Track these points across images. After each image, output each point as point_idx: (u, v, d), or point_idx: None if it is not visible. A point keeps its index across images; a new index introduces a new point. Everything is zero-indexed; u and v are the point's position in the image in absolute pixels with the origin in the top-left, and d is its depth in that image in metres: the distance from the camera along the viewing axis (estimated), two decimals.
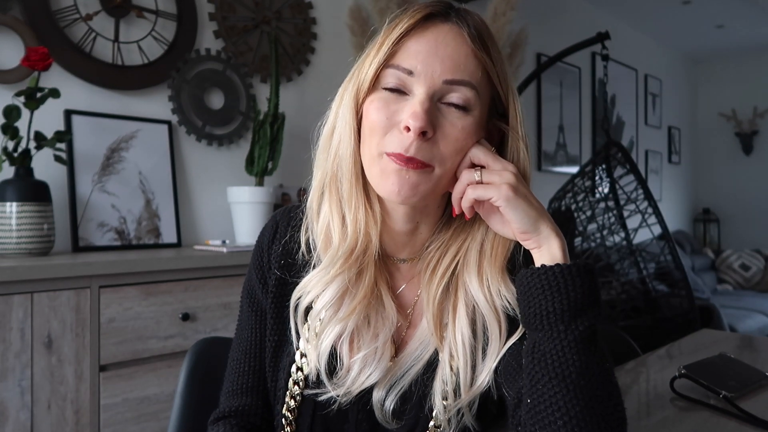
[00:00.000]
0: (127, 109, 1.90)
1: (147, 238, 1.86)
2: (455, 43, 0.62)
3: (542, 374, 0.57)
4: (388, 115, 0.62)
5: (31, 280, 1.30)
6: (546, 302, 0.58)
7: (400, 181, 0.61)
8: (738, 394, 0.89)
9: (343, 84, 0.69)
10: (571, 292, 0.57)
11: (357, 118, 0.66)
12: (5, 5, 1.66)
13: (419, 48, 0.62)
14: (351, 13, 2.40)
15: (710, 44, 5.25)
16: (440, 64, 0.61)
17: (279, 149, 2.03)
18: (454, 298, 0.68)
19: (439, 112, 0.62)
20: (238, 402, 0.75)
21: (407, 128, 0.60)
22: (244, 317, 0.78)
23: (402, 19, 0.63)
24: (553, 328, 0.57)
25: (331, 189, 0.69)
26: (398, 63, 0.62)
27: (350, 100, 0.65)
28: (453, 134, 0.62)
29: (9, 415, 1.27)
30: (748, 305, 4.06)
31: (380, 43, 0.64)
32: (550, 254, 0.61)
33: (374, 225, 0.67)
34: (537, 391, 0.57)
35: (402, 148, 0.61)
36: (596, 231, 2.77)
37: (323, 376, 0.68)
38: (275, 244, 0.76)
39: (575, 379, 0.55)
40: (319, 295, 0.68)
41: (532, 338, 0.59)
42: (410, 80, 0.62)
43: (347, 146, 0.66)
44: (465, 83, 0.62)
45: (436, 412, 0.66)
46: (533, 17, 3.27)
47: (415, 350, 0.69)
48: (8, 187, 1.49)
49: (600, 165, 2.86)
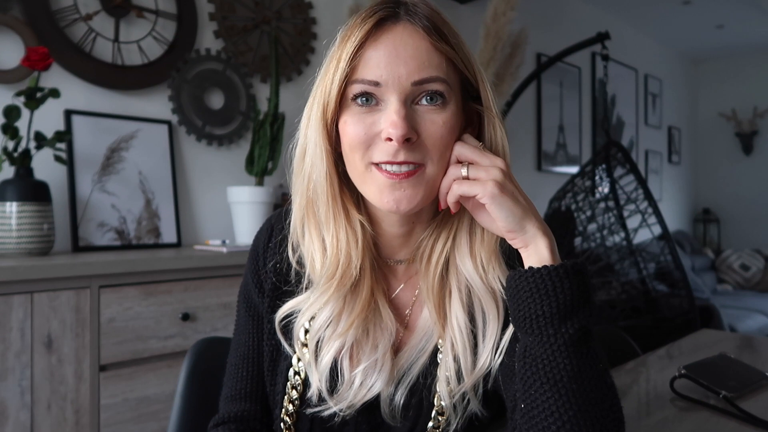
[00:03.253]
0: (127, 109, 1.90)
1: (147, 238, 1.86)
2: (413, 42, 0.60)
3: (534, 379, 0.56)
4: (365, 129, 0.61)
5: (31, 280, 1.30)
6: (534, 306, 0.57)
7: (396, 197, 0.61)
8: (738, 394, 0.89)
9: (307, 104, 0.67)
10: (559, 294, 0.56)
11: (329, 138, 0.64)
12: (5, 5, 1.66)
13: (379, 56, 0.60)
14: (351, 13, 2.40)
15: (710, 44, 5.25)
16: (404, 67, 0.59)
17: (279, 149, 2.03)
18: (449, 284, 0.68)
19: (416, 114, 0.61)
20: (238, 407, 0.74)
21: (389, 138, 0.59)
22: (241, 322, 0.78)
23: (353, 31, 0.61)
24: (543, 332, 0.56)
25: (308, 214, 0.68)
26: (362, 77, 0.60)
27: (318, 121, 0.63)
28: (436, 132, 0.61)
29: (9, 415, 1.27)
30: (748, 305, 4.06)
31: (337, 58, 0.61)
32: (538, 254, 0.60)
33: (355, 244, 0.66)
34: (530, 396, 0.57)
35: (389, 155, 0.60)
36: (596, 231, 2.77)
37: (325, 394, 0.67)
38: (270, 248, 0.75)
39: (567, 383, 0.55)
40: (315, 313, 0.68)
41: (523, 342, 0.59)
42: (379, 90, 0.60)
43: (320, 169, 0.64)
44: (433, 79, 0.60)
45: (441, 400, 0.66)
46: (533, 17, 3.27)
47: (419, 343, 0.69)
48: (8, 187, 1.49)
49: (600, 165, 2.86)
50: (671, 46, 5.34)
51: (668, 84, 5.33)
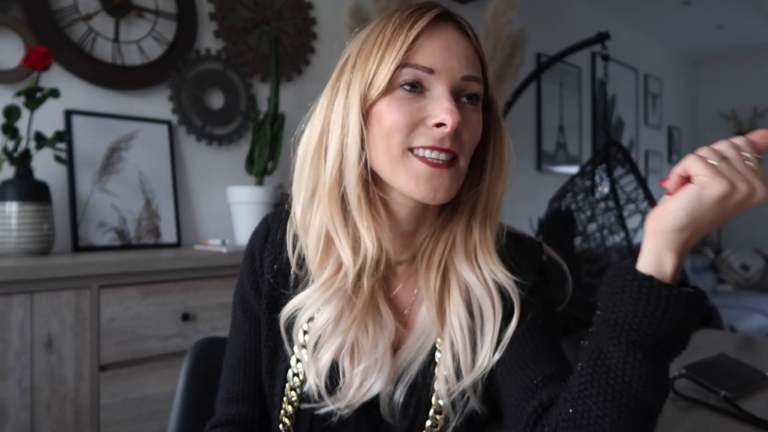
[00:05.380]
0: (127, 109, 1.90)
1: (147, 238, 1.86)
2: (464, 42, 0.64)
3: (598, 390, 0.53)
4: (412, 112, 0.61)
5: (31, 280, 1.30)
6: (636, 320, 0.51)
7: (435, 184, 0.62)
8: (738, 394, 0.89)
9: (330, 89, 0.66)
10: (668, 322, 0.50)
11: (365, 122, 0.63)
12: (5, 5, 1.66)
13: (435, 47, 0.62)
14: (351, 13, 2.40)
15: (710, 44, 5.25)
16: (457, 62, 0.63)
17: (279, 149, 2.03)
18: (449, 283, 0.69)
19: (459, 109, 0.62)
20: (235, 409, 0.74)
21: (438, 125, 0.61)
22: (238, 323, 0.77)
23: (413, 19, 0.63)
24: (630, 351, 0.52)
25: (328, 201, 0.65)
26: (416, 62, 0.62)
27: (356, 102, 0.63)
28: (473, 128, 0.64)
29: (9, 415, 1.27)
30: (748, 305, 4.06)
31: (386, 43, 0.62)
32: (663, 264, 0.52)
33: (382, 232, 0.65)
34: (585, 405, 0.54)
35: (435, 140, 0.61)
36: (596, 231, 2.77)
37: (323, 393, 0.67)
38: (267, 248, 0.74)
39: (633, 409, 0.52)
40: (316, 312, 0.68)
41: (600, 346, 0.54)
42: (430, 79, 0.62)
43: (355, 153, 0.63)
44: (477, 79, 0.64)
45: (440, 399, 0.66)
46: (533, 17, 3.27)
47: (417, 341, 0.69)
48: (8, 187, 1.49)
49: (600, 165, 2.86)
50: (671, 46, 5.35)
51: (668, 84, 5.33)
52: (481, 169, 0.69)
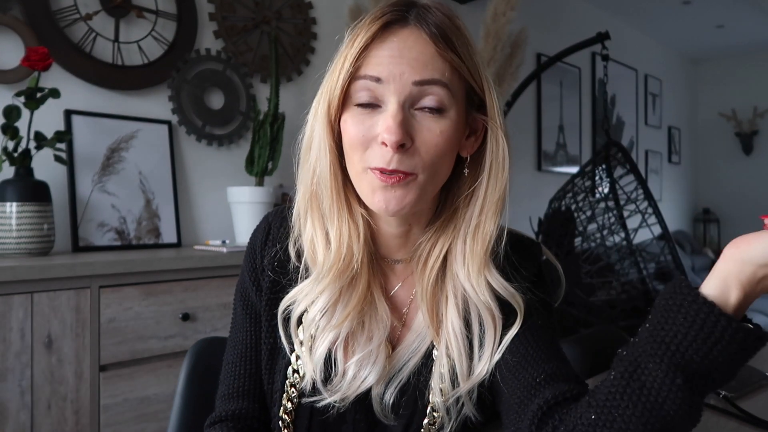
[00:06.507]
0: (127, 109, 1.90)
1: (147, 238, 1.86)
2: (418, 46, 0.61)
3: (627, 404, 0.52)
4: (363, 131, 0.61)
5: (31, 280, 1.30)
6: (685, 342, 0.49)
7: (386, 197, 0.62)
8: (738, 394, 0.89)
9: (316, 98, 0.68)
10: (718, 354, 0.48)
11: (333, 134, 0.65)
12: (5, 5, 1.66)
13: (383, 54, 0.61)
14: (351, 13, 2.40)
15: (710, 44, 5.25)
16: (407, 66, 0.60)
17: (279, 149, 2.03)
18: (445, 289, 0.69)
19: (414, 120, 0.61)
20: (235, 405, 0.74)
21: (384, 143, 0.60)
22: (238, 320, 0.78)
23: (361, 31, 0.62)
24: (669, 373, 0.50)
25: (312, 205, 0.69)
26: (365, 72, 0.61)
27: (323, 116, 0.64)
28: (432, 140, 0.61)
29: (9, 415, 1.27)
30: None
31: (343, 57, 0.62)
32: (728, 292, 0.49)
33: (357, 238, 0.67)
34: (609, 415, 0.53)
35: (384, 162, 0.60)
36: (596, 231, 2.77)
37: (319, 384, 0.67)
38: (268, 246, 0.75)
39: (657, 431, 0.52)
40: (310, 304, 0.68)
41: (638, 360, 0.53)
42: (380, 88, 0.61)
43: (324, 164, 0.65)
44: (435, 82, 0.60)
45: (435, 402, 0.66)
46: (533, 17, 3.27)
47: (412, 343, 0.69)
48: (8, 187, 1.49)
49: (600, 165, 2.86)
50: (671, 46, 5.34)
51: (668, 84, 5.33)
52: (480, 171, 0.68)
